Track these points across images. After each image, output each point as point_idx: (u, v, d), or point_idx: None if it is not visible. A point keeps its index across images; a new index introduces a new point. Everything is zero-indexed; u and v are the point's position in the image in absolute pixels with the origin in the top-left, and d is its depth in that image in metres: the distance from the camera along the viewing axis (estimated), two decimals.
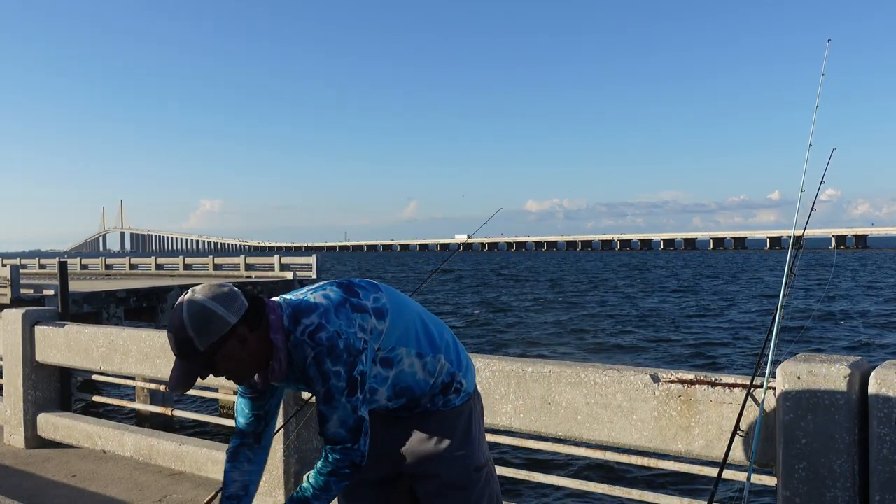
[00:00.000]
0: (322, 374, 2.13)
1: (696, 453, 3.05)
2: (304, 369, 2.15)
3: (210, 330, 2.04)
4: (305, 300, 2.23)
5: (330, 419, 2.18)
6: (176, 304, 2.09)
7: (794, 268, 3.02)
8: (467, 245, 22.28)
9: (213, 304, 2.06)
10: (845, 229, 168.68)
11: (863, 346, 23.45)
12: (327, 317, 2.17)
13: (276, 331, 2.16)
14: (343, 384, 2.14)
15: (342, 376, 2.14)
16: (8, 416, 6.18)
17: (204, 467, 4.96)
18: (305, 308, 2.19)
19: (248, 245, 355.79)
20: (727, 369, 19.26)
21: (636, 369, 3.26)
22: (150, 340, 5.28)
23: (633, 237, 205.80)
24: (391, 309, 2.33)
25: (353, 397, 2.17)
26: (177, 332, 2.05)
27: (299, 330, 2.15)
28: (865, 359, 2.80)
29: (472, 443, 2.47)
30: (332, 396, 2.15)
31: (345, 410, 2.17)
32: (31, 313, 6.17)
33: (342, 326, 2.17)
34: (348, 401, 2.16)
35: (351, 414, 2.18)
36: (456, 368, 2.45)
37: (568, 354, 21.61)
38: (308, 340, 2.13)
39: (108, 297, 20.18)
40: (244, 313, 2.10)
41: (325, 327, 2.15)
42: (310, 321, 2.16)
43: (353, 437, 2.20)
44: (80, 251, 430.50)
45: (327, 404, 2.16)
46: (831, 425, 2.64)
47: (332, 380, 2.13)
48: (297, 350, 2.15)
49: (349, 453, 2.21)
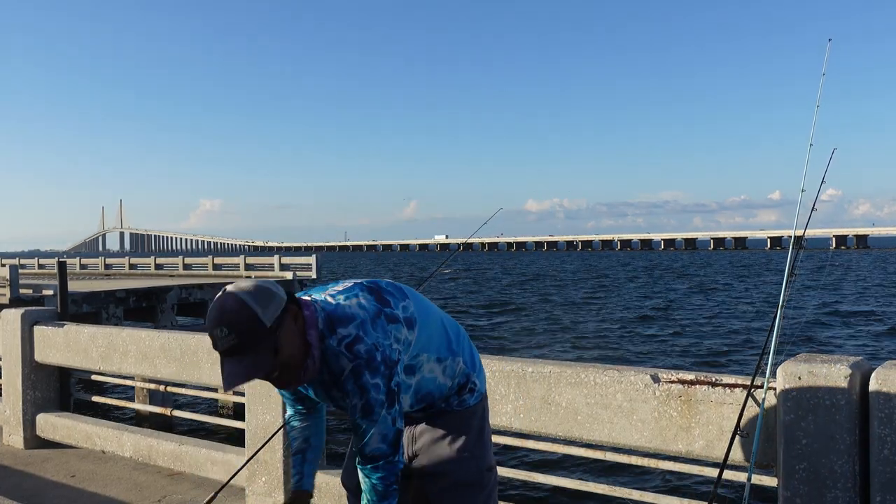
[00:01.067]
0: (360, 388, 2.08)
1: (697, 454, 3.05)
2: (340, 381, 2.11)
3: (273, 303, 1.98)
4: (340, 306, 2.17)
5: (369, 434, 2.12)
6: (217, 298, 1.99)
7: (794, 268, 3.01)
8: (467, 245, 22.43)
9: (262, 283, 2.03)
10: (846, 229, 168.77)
11: (863, 347, 23.45)
12: (364, 328, 2.12)
13: (311, 326, 2.11)
14: (383, 397, 2.10)
15: (381, 389, 2.09)
16: (7, 416, 6.17)
17: (203, 467, 4.96)
18: (342, 316, 2.14)
19: (247, 245, 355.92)
20: (728, 368, 19.27)
21: (636, 369, 3.26)
22: (150, 340, 5.27)
23: (633, 237, 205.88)
24: (419, 318, 2.31)
25: (392, 409, 2.13)
26: (235, 314, 1.93)
27: (335, 339, 2.10)
28: (866, 359, 2.79)
29: (484, 443, 2.48)
30: (371, 410, 2.10)
31: (385, 424, 2.13)
32: (31, 313, 6.16)
33: (379, 339, 2.13)
34: (388, 413, 2.12)
35: (391, 426, 2.14)
36: (470, 369, 2.45)
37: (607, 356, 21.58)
38: (346, 352, 2.08)
39: (107, 297, 20.15)
40: (288, 295, 2.07)
41: (363, 340, 2.10)
42: (347, 332, 2.11)
43: (393, 449, 2.16)
44: (79, 251, 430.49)
45: (367, 418, 2.11)
46: (832, 426, 2.64)
47: (371, 393, 2.08)
48: (333, 359, 2.10)
49: (393, 467, 2.17)
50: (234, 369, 1.94)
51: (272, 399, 4.33)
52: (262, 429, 4.36)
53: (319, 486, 4.13)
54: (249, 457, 4.14)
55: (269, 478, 4.35)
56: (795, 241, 3.05)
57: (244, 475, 4.42)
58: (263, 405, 4.38)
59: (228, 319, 1.92)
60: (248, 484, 4.45)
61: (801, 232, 3.09)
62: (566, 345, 23.93)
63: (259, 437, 4.34)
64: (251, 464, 4.35)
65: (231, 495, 4.50)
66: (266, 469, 4.36)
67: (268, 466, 4.35)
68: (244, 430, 4.55)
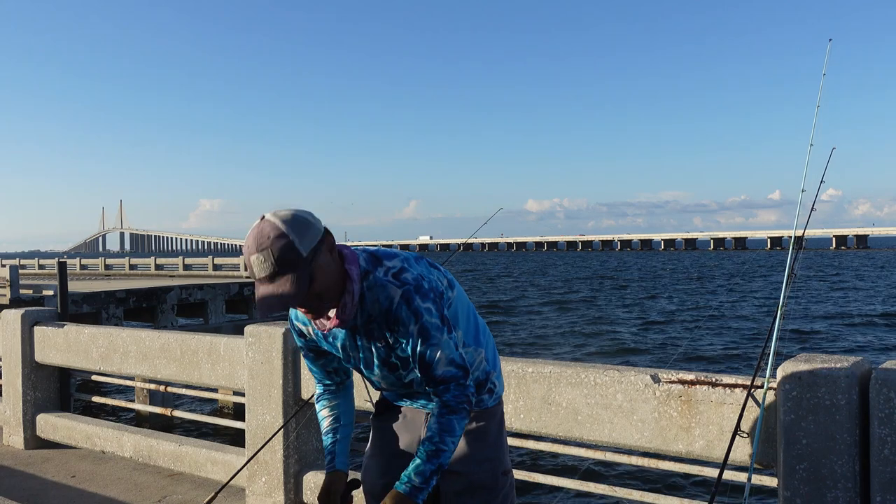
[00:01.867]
0: (414, 312, 2.04)
1: (697, 454, 3.05)
2: (391, 312, 2.06)
3: (310, 233, 1.95)
4: (382, 250, 2.19)
5: (435, 358, 2.07)
6: (255, 225, 1.96)
7: (794, 268, 3.01)
8: (467, 245, 22.41)
9: (299, 212, 1.99)
10: (846, 229, 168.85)
11: (863, 347, 23.45)
12: (409, 262, 2.15)
13: (352, 263, 2.08)
14: (437, 321, 2.07)
15: (434, 313, 2.07)
16: (7, 416, 6.18)
17: (203, 468, 4.96)
18: (384, 254, 2.16)
19: None
20: (728, 368, 19.27)
21: (637, 370, 3.26)
22: (150, 341, 5.27)
23: (633, 237, 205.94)
24: (457, 285, 2.32)
25: (452, 334, 2.10)
26: (273, 241, 1.90)
27: (381, 271, 2.09)
28: (866, 359, 2.79)
29: (502, 446, 2.44)
30: (429, 333, 2.06)
31: (448, 347, 2.08)
32: (31, 313, 6.16)
33: (424, 272, 2.15)
34: (449, 337, 2.09)
35: (454, 350, 2.09)
36: (491, 367, 2.41)
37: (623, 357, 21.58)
38: (393, 280, 2.07)
39: (107, 298, 20.16)
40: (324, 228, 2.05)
41: (409, 270, 2.11)
42: (392, 264, 2.12)
43: (464, 372, 2.11)
44: (79, 251, 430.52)
45: (427, 343, 2.06)
46: (832, 426, 2.63)
47: (425, 316, 2.05)
48: (381, 291, 2.07)
49: (464, 389, 2.11)
50: (270, 297, 1.92)
51: (272, 399, 4.33)
52: (262, 429, 4.36)
53: (319, 486, 4.13)
54: (249, 457, 4.14)
55: (269, 478, 4.35)
56: (795, 242, 3.05)
57: (244, 475, 4.42)
58: (263, 405, 4.38)
59: (265, 246, 1.91)
60: (249, 484, 4.45)
61: (800, 232, 3.09)
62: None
63: (259, 438, 4.34)
64: (251, 464, 4.35)
65: (231, 495, 4.50)
66: (266, 469, 4.36)
67: (268, 467, 4.35)
68: (244, 431, 4.55)
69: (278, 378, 4.29)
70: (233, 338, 4.80)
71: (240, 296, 24.09)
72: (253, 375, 4.42)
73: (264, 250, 1.90)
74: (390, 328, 2.10)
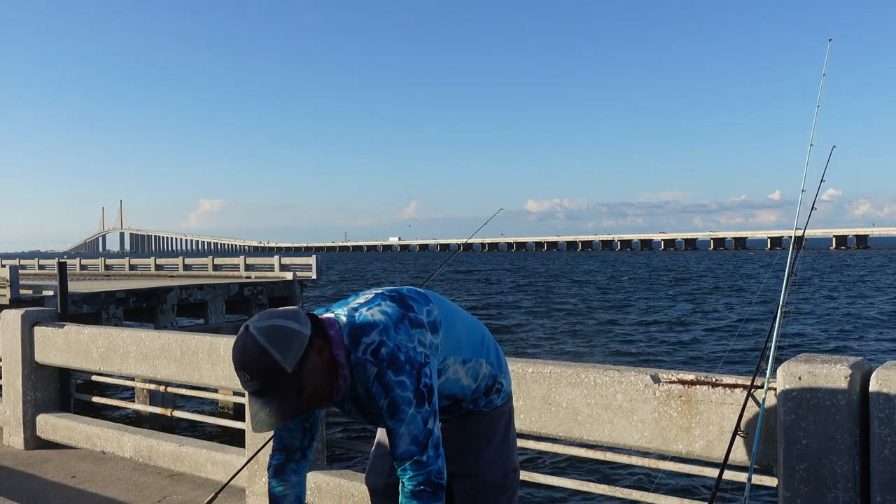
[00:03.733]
0: (385, 386, 2.05)
1: (697, 454, 3.05)
2: (368, 388, 2.09)
3: (293, 346, 1.97)
4: (363, 318, 2.16)
5: (399, 434, 2.07)
6: (239, 337, 2.00)
7: (794, 268, 3.01)
8: (467, 246, 22.28)
9: (283, 322, 2.00)
10: (846, 229, 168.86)
11: (863, 347, 23.44)
12: (387, 333, 2.11)
13: (338, 346, 2.10)
14: (409, 394, 2.06)
15: (407, 386, 2.06)
16: (7, 416, 6.17)
17: (204, 468, 4.96)
18: (364, 326, 2.13)
19: (247, 245, 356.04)
20: (728, 367, 19.26)
21: (637, 370, 3.26)
22: (150, 341, 5.27)
23: (633, 237, 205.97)
24: (443, 321, 2.29)
25: (422, 408, 2.08)
26: (256, 360, 1.94)
27: (360, 349, 2.09)
28: (866, 359, 2.79)
29: (511, 444, 2.47)
30: (398, 407, 2.05)
31: (414, 423, 2.06)
32: (31, 314, 6.16)
33: (402, 341, 2.11)
34: (417, 411, 2.07)
35: (421, 426, 2.07)
36: (497, 370, 2.43)
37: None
38: (370, 358, 2.07)
39: (107, 298, 20.16)
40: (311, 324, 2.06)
41: (386, 343, 2.09)
42: (370, 339, 2.10)
43: (422, 449, 2.07)
44: (79, 251, 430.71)
45: (394, 417, 2.06)
46: (832, 426, 2.63)
47: (396, 389, 2.05)
48: (360, 370, 2.09)
49: (422, 468, 2.07)
50: (261, 414, 1.97)
51: None
52: None
53: (319, 486, 4.13)
54: (249, 457, 4.14)
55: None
56: (795, 242, 3.05)
57: (244, 476, 4.41)
58: None
59: (250, 364, 1.95)
60: (249, 484, 4.45)
61: (800, 232, 3.09)
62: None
63: (259, 438, 4.33)
64: (251, 464, 4.35)
65: (231, 496, 4.50)
66: (266, 470, 4.35)
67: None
68: (244, 431, 4.55)
69: None
70: (233, 338, 4.78)
71: (240, 296, 24.09)
72: None
73: (248, 370, 1.95)
74: (368, 400, 2.12)
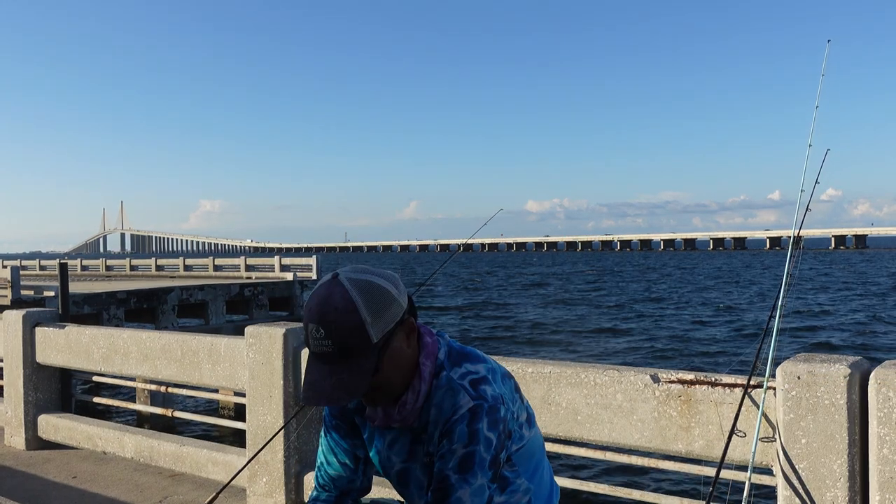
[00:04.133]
0: (472, 434, 1.61)
1: (697, 453, 3.06)
2: (448, 420, 1.65)
3: (387, 313, 1.60)
4: (470, 349, 1.81)
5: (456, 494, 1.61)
6: (326, 284, 1.60)
7: (792, 268, 3.02)
8: (467, 246, 22.19)
9: (382, 281, 1.62)
10: (845, 229, 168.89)
11: (863, 346, 23.44)
12: (494, 376, 1.74)
13: (429, 356, 1.72)
14: (489, 458, 1.63)
15: (492, 447, 1.63)
16: (9, 417, 6.18)
17: (205, 468, 4.96)
18: (472, 353, 1.78)
19: (248, 246, 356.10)
20: (728, 367, 19.26)
21: (636, 370, 3.26)
22: (151, 342, 5.28)
23: (633, 237, 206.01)
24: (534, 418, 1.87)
25: (492, 485, 1.65)
26: (340, 315, 1.55)
27: (458, 372, 1.70)
28: (865, 359, 2.80)
29: None
30: (472, 465, 1.61)
31: (481, 493, 1.62)
32: (32, 314, 6.17)
33: (506, 396, 1.72)
34: (487, 483, 1.63)
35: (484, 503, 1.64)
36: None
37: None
38: (470, 388, 1.67)
39: (108, 299, 20.19)
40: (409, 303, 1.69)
41: (493, 384, 1.70)
42: (475, 369, 1.72)
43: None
44: (80, 252, 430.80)
45: (462, 473, 1.61)
46: (831, 425, 2.64)
47: (481, 444, 1.61)
48: (447, 395, 1.67)
49: None
50: (323, 384, 1.58)
51: (273, 400, 4.34)
52: (262, 430, 4.37)
53: None
54: (250, 457, 4.15)
55: (270, 478, 4.36)
56: (794, 242, 3.06)
57: (245, 476, 4.42)
58: (264, 406, 4.39)
59: (331, 319, 1.55)
60: (250, 485, 4.46)
61: (798, 232, 3.10)
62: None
63: (260, 438, 4.35)
64: (252, 464, 4.36)
65: (232, 496, 4.51)
66: (267, 470, 4.37)
67: (269, 467, 4.36)
68: (245, 431, 4.56)
69: (279, 378, 4.30)
70: (233, 338, 4.81)
71: (240, 296, 24.11)
72: (253, 376, 4.43)
73: (326, 325, 1.55)
74: (438, 439, 1.68)
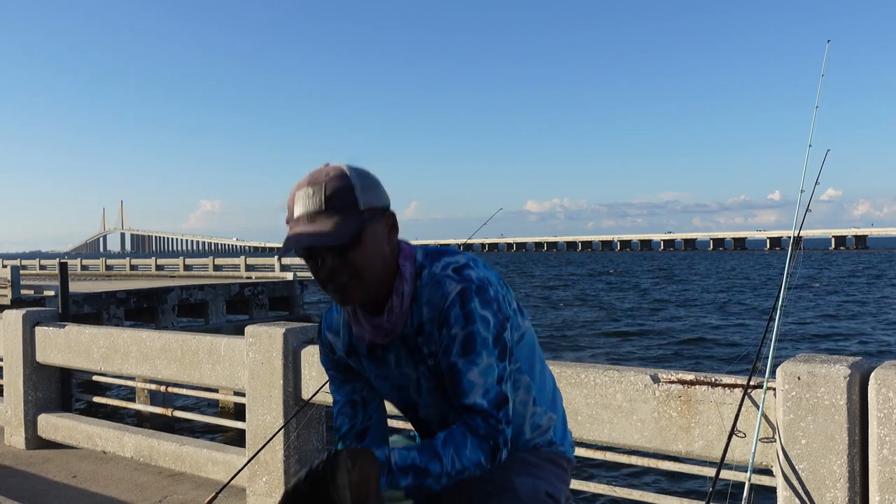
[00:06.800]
0: (466, 315, 1.63)
1: (697, 454, 3.06)
2: (442, 309, 1.66)
3: (375, 191, 1.66)
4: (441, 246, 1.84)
5: (467, 379, 1.62)
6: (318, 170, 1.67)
7: (792, 268, 3.02)
8: (467, 246, 21.96)
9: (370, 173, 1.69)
10: (845, 230, 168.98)
11: (862, 347, 23.44)
12: (476, 262, 1.74)
13: (407, 258, 1.73)
14: (490, 337, 1.64)
15: (490, 325, 1.64)
16: (9, 416, 6.19)
17: (204, 468, 4.97)
18: (449, 249, 1.81)
19: (247, 246, 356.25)
20: (728, 367, 19.26)
21: (636, 370, 3.26)
22: (151, 341, 5.28)
23: (633, 237, 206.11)
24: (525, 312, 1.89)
25: (501, 362, 1.65)
26: (330, 179, 1.61)
27: (439, 266, 1.72)
28: (865, 359, 2.80)
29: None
30: (473, 344, 1.62)
31: (489, 374, 1.63)
32: (32, 314, 6.17)
33: (493, 279, 1.73)
34: (496, 361, 1.64)
35: (495, 382, 1.63)
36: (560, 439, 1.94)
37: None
38: (453, 274, 1.68)
39: (108, 298, 20.20)
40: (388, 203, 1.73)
41: (474, 269, 1.71)
42: (454, 259, 1.73)
43: (495, 409, 1.62)
44: (80, 252, 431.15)
45: (466, 356, 1.62)
46: (831, 426, 2.64)
47: (478, 323, 1.63)
48: (434, 288, 1.68)
49: (491, 430, 1.61)
50: (299, 238, 1.60)
51: (272, 399, 4.34)
52: (262, 429, 4.37)
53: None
54: (250, 457, 4.15)
55: (269, 478, 4.36)
56: (794, 242, 3.06)
57: (245, 475, 4.42)
58: (264, 405, 4.39)
59: (320, 181, 1.62)
60: (249, 484, 4.46)
61: (798, 232, 3.10)
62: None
63: (260, 438, 4.35)
64: (252, 464, 4.36)
65: (232, 496, 4.51)
66: (267, 469, 4.37)
67: (269, 467, 4.36)
68: (245, 431, 4.56)
69: (279, 378, 4.30)
70: (233, 338, 4.81)
71: (240, 296, 24.11)
72: (253, 376, 4.44)
73: (317, 184, 1.62)
74: (437, 331, 1.69)
